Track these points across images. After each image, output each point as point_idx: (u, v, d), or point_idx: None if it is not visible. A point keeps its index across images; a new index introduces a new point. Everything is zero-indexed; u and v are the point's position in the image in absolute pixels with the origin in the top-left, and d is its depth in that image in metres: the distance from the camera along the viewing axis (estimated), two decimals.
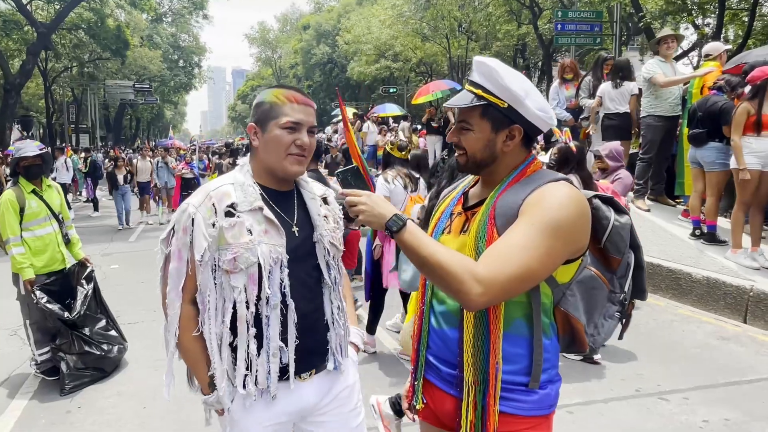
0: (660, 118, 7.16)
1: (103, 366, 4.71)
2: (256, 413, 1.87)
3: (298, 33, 60.38)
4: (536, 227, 1.50)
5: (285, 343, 1.85)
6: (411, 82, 40.81)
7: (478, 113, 1.65)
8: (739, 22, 21.20)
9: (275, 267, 1.81)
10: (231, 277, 1.79)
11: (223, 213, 1.79)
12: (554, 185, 1.58)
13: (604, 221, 1.67)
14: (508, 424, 1.62)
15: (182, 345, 1.87)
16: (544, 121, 1.65)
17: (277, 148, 1.82)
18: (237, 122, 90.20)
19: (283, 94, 1.85)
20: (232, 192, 1.83)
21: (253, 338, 1.83)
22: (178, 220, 1.84)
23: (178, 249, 1.83)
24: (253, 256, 1.78)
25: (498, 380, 1.60)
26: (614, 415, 3.82)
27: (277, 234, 1.83)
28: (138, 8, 39.51)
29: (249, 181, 1.87)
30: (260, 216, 1.83)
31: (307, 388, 1.93)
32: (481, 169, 1.71)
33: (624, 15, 21.60)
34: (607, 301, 1.73)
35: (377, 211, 1.62)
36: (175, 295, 1.84)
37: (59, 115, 39.82)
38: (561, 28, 19.18)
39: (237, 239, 1.78)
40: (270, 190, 1.89)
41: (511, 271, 1.47)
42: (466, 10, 31.21)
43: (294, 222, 1.90)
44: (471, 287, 1.46)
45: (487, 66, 1.62)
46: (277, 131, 1.82)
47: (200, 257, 1.79)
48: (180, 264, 1.82)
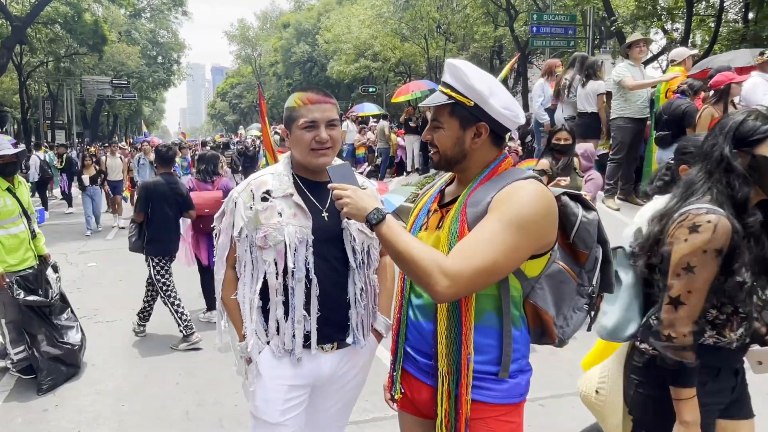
0: (629, 119, 7.34)
1: (75, 361, 4.70)
2: (278, 370, 2.12)
3: (278, 31, 59.99)
4: (502, 222, 1.57)
5: (308, 313, 2.10)
6: (390, 81, 40.83)
7: (448, 112, 1.74)
8: (705, 27, 21.69)
9: (300, 246, 2.08)
10: (263, 252, 2.09)
11: (259, 198, 2.10)
12: (522, 182, 1.65)
13: (572, 217, 1.74)
14: (480, 412, 1.69)
15: (225, 302, 2.21)
16: (509, 119, 1.72)
17: (301, 146, 2.10)
18: (216, 120, 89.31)
19: (299, 98, 2.10)
20: (269, 180, 2.14)
21: (281, 305, 2.11)
22: (227, 203, 2.19)
23: (225, 227, 2.18)
24: (280, 235, 2.06)
25: (469, 370, 1.66)
26: (583, 408, 3.89)
27: (304, 217, 2.10)
28: (116, 3, 39.08)
29: (286, 171, 2.17)
30: (290, 201, 2.11)
31: (327, 360, 2.17)
32: (453, 165, 1.79)
33: (597, 19, 21.97)
34: (575, 294, 1.79)
35: (360, 205, 1.68)
36: (221, 264, 2.21)
37: (34, 110, 39.09)
38: (536, 31, 19.43)
39: (268, 220, 2.08)
40: (305, 180, 2.17)
41: (476, 264, 1.53)
42: (444, 12, 31.38)
43: (325, 208, 2.15)
44: (438, 280, 1.53)
45: (455, 67, 1.72)
46: (298, 132, 2.09)
47: (237, 234, 2.12)
48: (225, 239, 2.18)
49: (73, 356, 4.68)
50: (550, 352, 4.61)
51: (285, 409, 2.13)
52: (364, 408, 3.84)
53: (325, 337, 2.13)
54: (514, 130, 1.78)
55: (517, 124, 1.78)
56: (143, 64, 45.51)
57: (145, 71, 45.92)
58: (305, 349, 2.13)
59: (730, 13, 21.92)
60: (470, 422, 1.69)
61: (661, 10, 21.07)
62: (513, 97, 1.77)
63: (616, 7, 20.80)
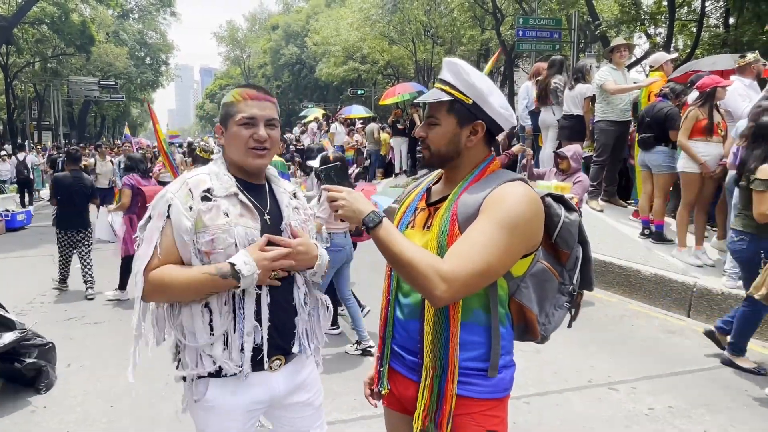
0: (612, 122, 7.47)
1: (50, 357, 4.61)
2: (229, 399, 1.92)
3: (266, 33, 59.83)
4: (495, 225, 1.59)
5: (259, 323, 1.91)
6: (378, 84, 40.89)
7: (445, 108, 1.75)
8: (687, 32, 21.97)
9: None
10: (210, 258, 1.85)
11: (199, 197, 1.87)
12: (511, 185, 1.68)
13: (555, 218, 1.77)
14: (466, 407, 1.71)
15: (159, 284, 1.85)
16: (506, 118, 1.76)
17: (238, 144, 1.92)
18: (205, 121, 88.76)
19: (239, 93, 1.95)
20: (207, 179, 1.92)
21: (228, 315, 1.89)
22: (155, 205, 1.91)
23: (150, 233, 1.89)
24: (230, 237, 1.85)
25: (456, 366, 1.69)
26: (568, 405, 3.99)
27: (252, 218, 1.92)
28: (103, 4, 38.82)
29: (223, 171, 1.96)
30: (235, 200, 1.91)
31: (278, 377, 1.99)
32: (445, 163, 1.80)
33: (582, 23, 22.19)
34: (557, 293, 1.84)
35: (356, 207, 1.67)
36: (140, 278, 1.87)
37: (21, 111, 38.67)
38: (522, 35, 19.55)
39: (214, 221, 1.85)
40: (243, 181, 1.98)
41: (472, 267, 1.56)
42: (432, 15, 31.50)
43: (266, 210, 1.98)
44: (436, 285, 1.55)
45: (455, 65, 1.74)
46: (234, 128, 1.92)
47: (187, 238, 1.85)
48: (148, 247, 1.87)
49: (48, 354, 4.60)
50: (535, 350, 4.73)
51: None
52: (351, 406, 3.88)
53: (275, 348, 1.95)
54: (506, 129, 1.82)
55: (511, 125, 1.82)
56: (131, 65, 45.16)
57: (133, 72, 45.58)
58: (256, 371, 1.93)
59: (711, 18, 22.26)
60: (456, 417, 1.71)
61: (644, 15, 21.34)
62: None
63: (600, 11, 21.10)
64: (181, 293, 1.86)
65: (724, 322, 4.74)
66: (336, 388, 4.23)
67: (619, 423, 3.76)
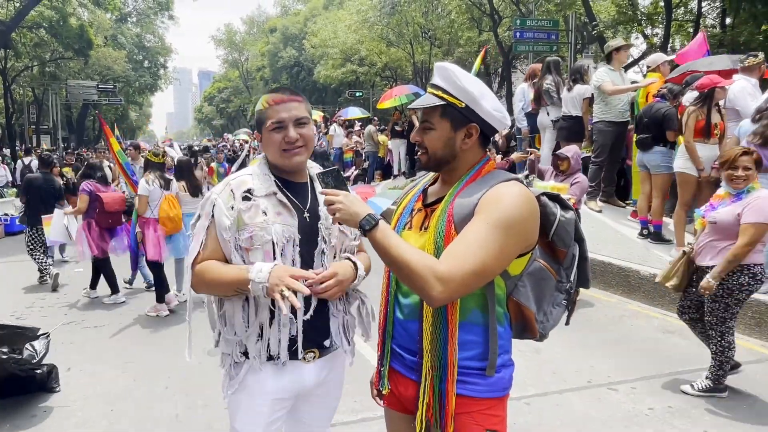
0: (610, 123, 7.50)
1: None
2: (260, 384, 2.03)
3: (264, 36, 59.83)
4: (490, 225, 1.61)
5: (294, 316, 2.00)
6: (377, 86, 40.94)
7: (439, 113, 1.77)
8: (684, 32, 22.01)
9: (287, 245, 1.99)
10: (249, 254, 1.97)
11: (240, 197, 1.98)
12: (506, 185, 1.70)
13: (551, 217, 1.79)
14: (465, 406, 1.72)
15: (201, 278, 1.98)
16: (499, 120, 1.78)
17: (272, 147, 2.03)
18: (203, 124, 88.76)
19: (266, 100, 2.05)
20: (249, 180, 2.03)
21: (266, 308, 1.99)
22: (203, 206, 2.06)
23: (198, 231, 2.04)
24: (267, 235, 1.96)
25: (455, 366, 1.71)
26: (568, 405, 4.00)
27: (290, 216, 2.01)
28: (102, 7, 38.73)
29: (265, 171, 2.07)
30: (274, 200, 2.01)
31: (309, 370, 2.07)
32: (442, 166, 1.82)
33: (579, 24, 22.24)
34: (554, 291, 1.86)
35: (353, 210, 1.70)
36: (189, 270, 2.04)
37: (19, 115, 38.68)
38: (520, 36, 19.62)
39: (253, 219, 1.96)
40: (284, 180, 2.08)
41: (468, 268, 1.58)
42: (429, 17, 31.60)
43: (306, 208, 2.06)
44: (433, 285, 1.57)
45: (446, 70, 1.76)
46: (267, 134, 2.03)
47: (227, 236, 1.98)
48: (197, 243, 2.03)
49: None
50: (535, 351, 4.75)
51: (268, 427, 2.08)
52: (352, 408, 3.87)
53: (309, 341, 2.04)
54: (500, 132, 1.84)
55: (505, 126, 1.84)
56: (129, 68, 45.12)
57: (131, 76, 45.54)
58: (291, 359, 2.03)
59: (708, 19, 22.30)
60: (456, 416, 1.72)
61: (641, 16, 21.42)
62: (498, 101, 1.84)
63: (597, 12, 21.15)
64: (217, 287, 1.98)
65: None
66: None
67: (618, 423, 3.77)
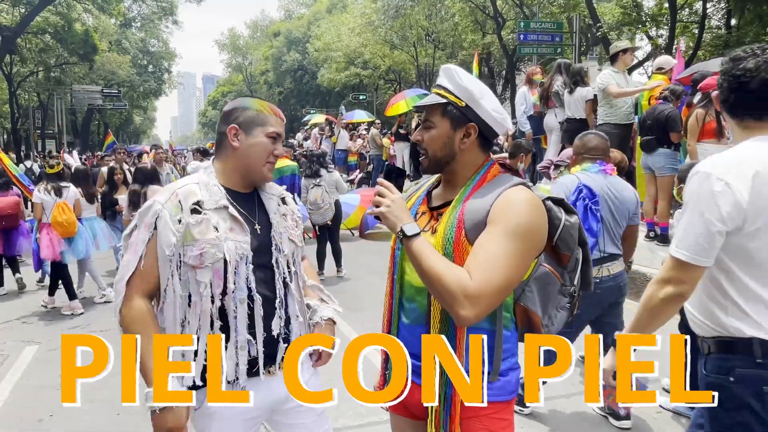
0: (615, 125, 7.47)
1: None
2: (228, 408, 1.88)
3: (268, 40, 59.99)
4: (509, 236, 1.62)
5: (253, 336, 1.91)
6: (380, 89, 41.01)
7: (440, 111, 1.79)
8: (689, 33, 21.95)
9: (241, 262, 1.89)
10: (197, 272, 1.85)
11: (188, 210, 1.85)
12: (516, 191, 1.71)
13: (555, 221, 1.79)
14: (471, 410, 1.70)
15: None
16: (499, 122, 1.79)
17: (260, 154, 1.94)
18: (208, 128, 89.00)
19: (268, 107, 2.00)
20: (197, 190, 1.90)
21: (218, 330, 1.87)
22: (143, 215, 1.90)
23: (135, 243, 1.88)
24: (219, 252, 1.85)
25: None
26: (574, 407, 3.98)
27: (242, 231, 1.91)
28: (106, 13, 38.97)
29: (213, 181, 1.95)
30: (225, 214, 1.90)
31: (277, 381, 1.94)
32: (442, 167, 1.83)
33: (583, 26, 22.24)
34: (559, 294, 1.85)
35: (397, 214, 1.70)
36: (121, 286, 1.88)
37: (24, 120, 38.86)
38: (524, 38, 19.63)
39: (204, 235, 1.84)
40: (232, 192, 1.96)
41: (496, 284, 1.59)
42: (433, 20, 31.66)
43: (256, 220, 1.98)
44: (463, 304, 1.58)
45: (450, 70, 1.80)
46: (262, 138, 1.94)
47: (169, 253, 1.84)
48: (133, 257, 1.87)
49: None
50: None
51: None
52: (357, 412, 3.86)
53: (271, 358, 1.95)
54: (501, 135, 1.84)
55: (506, 129, 1.85)
56: (134, 73, 45.35)
57: (135, 80, 45.76)
58: (252, 378, 1.92)
59: (713, 20, 22.24)
60: (464, 421, 1.72)
61: (646, 17, 21.36)
62: (500, 104, 1.85)
63: (601, 14, 21.11)
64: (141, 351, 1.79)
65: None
66: (340, 395, 4.22)
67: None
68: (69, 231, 6.56)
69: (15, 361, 5.25)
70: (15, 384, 4.76)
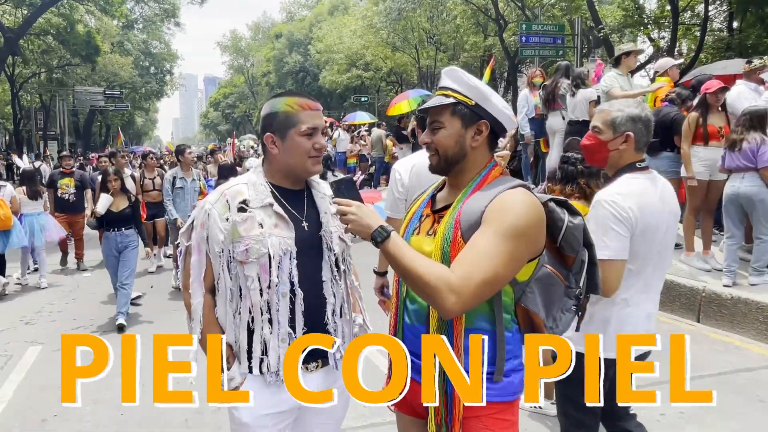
0: None
1: None
2: (262, 399, 1.97)
3: (270, 41, 60.10)
4: (499, 234, 1.64)
5: (293, 330, 1.98)
6: (382, 91, 41.06)
7: (449, 111, 1.80)
8: (691, 36, 22.00)
9: (284, 258, 1.95)
10: (244, 267, 1.95)
11: (235, 208, 1.95)
12: (512, 192, 1.72)
13: (559, 222, 1.79)
14: (473, 410, 1.72)
15: (204, 336, 1.99)
16: (508, 117, 1.81)
17: (300, 153, 1.97)
18: (209, 129, 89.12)
19: (296, 103, 1.98)
20: (244, 190, 1.99)
21: (267, 323, 1.97)
22: (197, 216, 2.02)
23: (197, 242, 2.00)
24: (263, 248, 1.93)
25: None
26: None
27: (287, 227, 1.97)
28: (108, 14, 39.05)
29: (261, 181, 2.02)
30: (270, 211, 1.97)
31: (312, 380, 1.99)
32: (452, 167, 1.84)
33: (585, 28, 22.23)
34: (564, 296, 1.85)
35: (365, 222, 1.71)
36: (198, 285, 2.02)
37: (26, 121, 38.97)
38: (525, 41, 19.62)
39: (248, 232, 1.93)
40: (282, 189, 2.03)
41: (480, 278, 1.60)
42: (435, 22, 31.72)
43: (304, 218, 2.03)
44: (446, 297, 1.59)
45: (455, 71, 1.82)
46: (297, 138, 1.95)
47: (219, 249, 1.95)
48: (200, 256, 2.00)
49: None
50: None
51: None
52: (361, 413, 3.86)
53: (309, 355, 1.95)
54: (509, 131, 1.84)
55: (514, 125, 1.88)
56: (136, 74, 45.47)
57: (137, 82, 45.88)
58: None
59: (715, 22, 22.26)
60: (466, 420, 1.73)
61: (648, 19, 21.39)
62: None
63: (603, 16, 21.17)
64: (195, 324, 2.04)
65: None
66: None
67: None
68: (4, 224, 7.50)
69: (19, 361, 5.25)
70: (19, 384, 4.77)
